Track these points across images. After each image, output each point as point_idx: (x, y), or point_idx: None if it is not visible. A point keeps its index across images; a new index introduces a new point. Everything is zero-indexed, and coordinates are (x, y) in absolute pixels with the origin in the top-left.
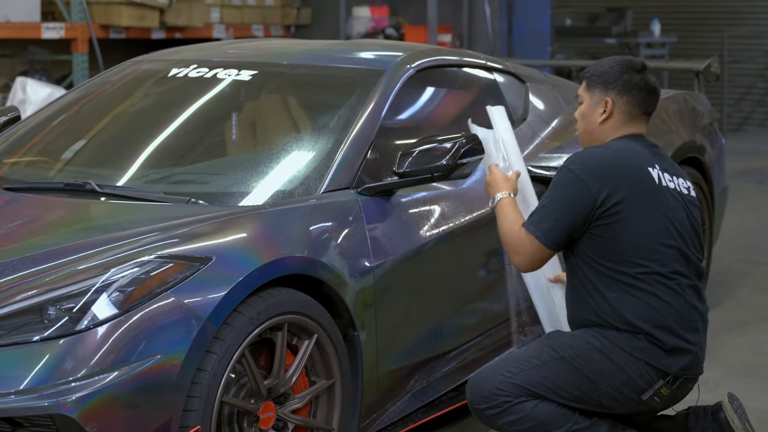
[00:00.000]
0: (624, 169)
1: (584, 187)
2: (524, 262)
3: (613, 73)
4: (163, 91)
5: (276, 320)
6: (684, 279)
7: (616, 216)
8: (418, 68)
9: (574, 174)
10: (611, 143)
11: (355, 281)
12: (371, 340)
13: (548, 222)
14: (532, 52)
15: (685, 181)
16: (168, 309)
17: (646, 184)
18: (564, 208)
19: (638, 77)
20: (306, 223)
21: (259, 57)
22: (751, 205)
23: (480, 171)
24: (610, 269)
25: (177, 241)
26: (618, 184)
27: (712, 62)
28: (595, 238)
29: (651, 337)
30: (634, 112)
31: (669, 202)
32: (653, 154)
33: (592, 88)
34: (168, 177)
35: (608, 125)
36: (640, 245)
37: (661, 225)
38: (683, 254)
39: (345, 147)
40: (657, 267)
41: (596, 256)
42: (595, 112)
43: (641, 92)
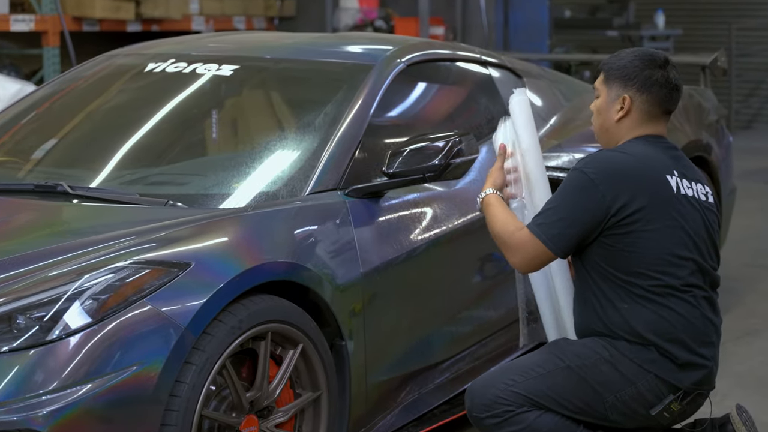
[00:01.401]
0: (642, 177)
1: (598, 194)
2: (523, 263)
3: (633, 68)
4: (139, 87)
5: (259, 329)
6: (699, 291)
7: (630, 226)
8: (409, 63)
9: (589, 178)
10: (629, 146)
11: (342, 288)
12: (359, 349)
13: (557, 227)
14: (529, 45)
15: (704, 186)
16: (144, 318)
17: (664, 193)
18: (574, 213)
19: (660, 73)
20: (290, 227)
21: (241, 51)
22: (761, 207)
23: (474, 171)
24: (621, 280)
25: (154, 246)
26: (634, 193)
27: (719, 56)
28: (607, 247)
29: (663, 350)
30: (654, 110)
31: (687, 211)
32: (673, 158)
33: (610, 82)
34: (144, 178)
35: (625, 123)
36: (653, 258)
37: (677, 236)
38: (699, 266)
39: (331, 146)
40: (671, 280)
41: (607, 265)
42: (612, 108)
43: (662, 90)
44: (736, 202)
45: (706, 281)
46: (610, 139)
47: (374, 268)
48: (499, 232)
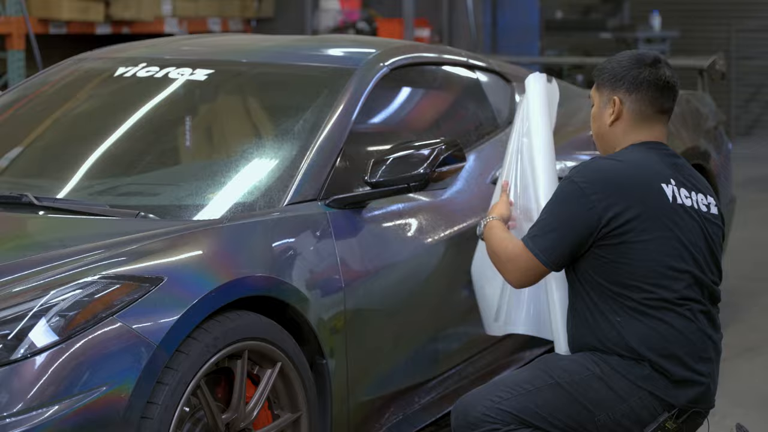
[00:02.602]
0: (634, 185)
1: (589, 204)
2: (516, 277)
3: (621, 69)
4: (108, 92)
5: (235, 347)
6: (696, 305)
7: (622, 237)
8: (393, 67)
9: (579, 188)
10: (624, 153)
11: (323, 303)
12: (341, 368)
13: (548, 239)
14: (519, 48)
15: (706, 196)
16: (114, 335)
17: (659, 202)
18: (566, 224)
19: (648, 71)
20: (268, 239)
21: (216, 54)
22: (762, 217)
23: (461, 180)
24: (614, 292)
25: (124, 260)
26: (627, 202)
27: (718, 59)
28: (599, 259)
29: (657, 366)
30: (646, 110)
31: (683, 222)
32: (671, 166)
33: (600, 87)
34: (114, 188)
35: (619, 127)
36: (646, 269)
37: (672, 248)
38: (696, 279)
39: (311, 154)
40: (665, 293)
41: (599, 277)
42: (604, 113)
43: (651, 87)
44: (736, 213)
45: (704, 295)
46: (606, 146)
47: (356, 282)
48: (495, 249)
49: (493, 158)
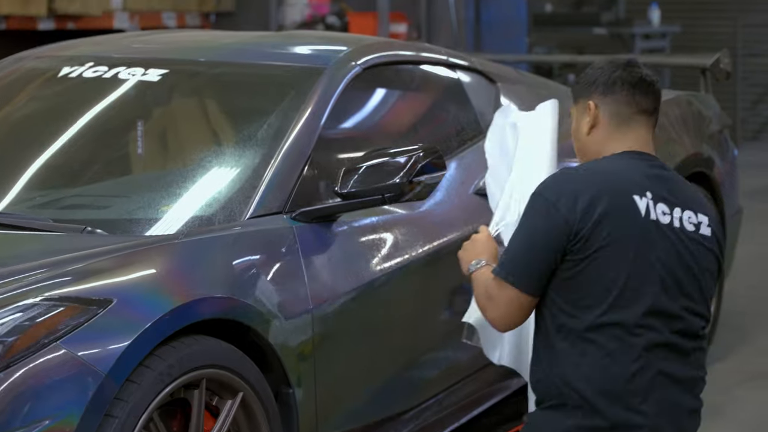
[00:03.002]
0: (603, 194)
1: (561, 218)
2: (499, 315)
3: (594, 74)
4: (52, 94)
5: (192, 376)
6: (654, 334)
7: (586, 251)
8: (366, 66)
9: (547, 200)
10: (600, 161)
11: (289, 327)
12: (309, 398)
13: (523, 261)
14: (504, 44)
15: (696, 214)
16: (58, 363)
17: (628, 215)
18: (539, 240)
19: (621, 71)
20: (228, 257)
21: (171, 53)
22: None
23: (441, 191)
24: (566, 314)
25: (69, 280)
26: (593, 213)
27: (722, 57)
28: (562, 273)
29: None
30: (623, 111)
31: (654, 240)
32: (653, 177)
33: (576, 99)
34: (58, 200)
35: (598, 135)
36: (603, 289)
37: (636, 267)
38: (660, 306)
39: (276, 163)
40: (619, 317)
41: (556, 296)
42: (582, 122)
43: (625, 86)
44: (743, 225)
45: (667, 325)
46: (589, 159)
47: (326, 303)
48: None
49: (476, 166)
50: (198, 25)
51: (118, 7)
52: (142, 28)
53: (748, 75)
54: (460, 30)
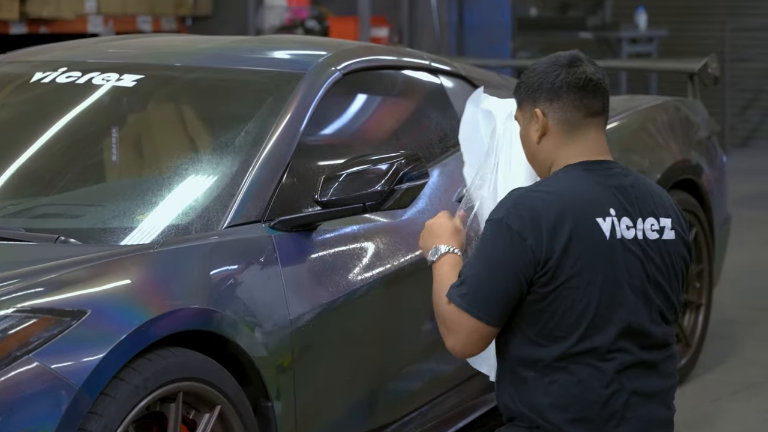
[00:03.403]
0: (567, 221)
1: (523, 246)
2: (460, 344)
3: (536, 77)
4: (24, 100)
5: (168, 389)
6: (625, 356)
7: (553, 282)
8: (346, 71)
9: (509, 228)
10: (557, 181)
11: (267, 338)
12: (288, 411)
13: (486, 293)
14: (488, 49)
15: (659, 219)
16: (30, 376)
17: (594, 240)
18: (504, 271)
19: (565, 73)
20: (205, 267)
21: (146, 58)
22: (761, 238)
23: (423, 199)
24: (534, 344)
25: (42, 291)
26: (560, 243)
27: (710, 61)
28: (529, 306)
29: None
30: (573, 116)
31: (620, 260)
32: (614, 189)
33: (521, 104)
34: (30, 209)
35: (548, 143)
36: (574, 319)
37: (605, 293)
38: (631, 326)
39: (254, 170)
40: (590, 344)
41: (522, 327)
42: (530, 131)
43: (572, 89)
44: (732, 233)
45: (640, 342)
46: (541, 167)
47: (305, 314)
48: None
49: (459, 173)
50: (174, 29)
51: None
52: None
53: (736, 80)
54: (443, 34)
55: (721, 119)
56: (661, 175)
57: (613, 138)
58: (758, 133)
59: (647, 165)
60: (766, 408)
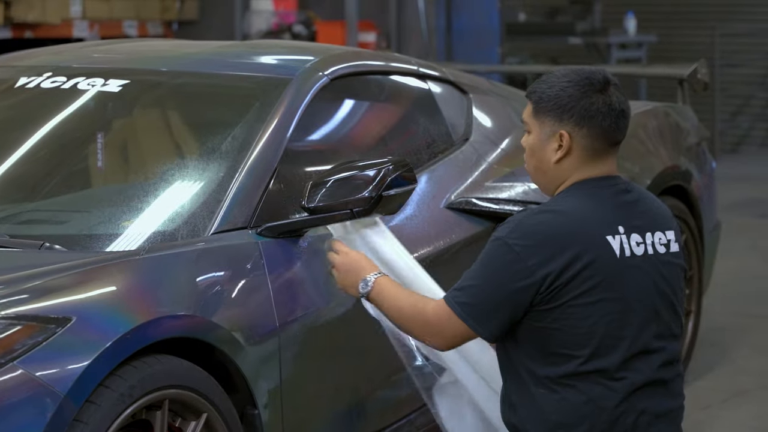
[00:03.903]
0: (576, 242)
1: (527, 270)
2: (444, 343)
3: (568, 97)
4: (8, 105)
5: (154, 396)
6: (637, 376)
7: (559, 300)
8: (333, 76)
9: (514, 252)
10: (565, 200)
11: (254, 346)
12: (276, 420)
13: (484, 310)
14: (476, 54)
15: (665, 233)
16: (15, 384)
17: (604, 260)
18: (502, 294)
19: (601, 100)
20: (192, 273)
21: (132, 63)
22: (751, 244)
23: (411, 206)
24: (542, 360)
25: (26, 298)
26: (566, 263)
27: (700, 67)
28: (530, 323)
29: None
30: (599, 145)
31: (631, 279)
32: (621, 206)
33: (541, 115)
34: (15, 215)
35: (567, 164)
36: (581, 337)
37: (615, 312)
38: (642, 346)
39: (241, 176)
40: (600, 364)
41: (528, 343)
42: (547, 147)
43: (606, 119)
44: (722, 240)
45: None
46: (549, 183)
47: (293, 321)
48: (410, 315)
49: (447, 179)
50: (160, 33)
51: (77, 15)
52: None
53: (726, 86)
54: (431, 39)
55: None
56: (651, 181)
57: None
58: (748, 139)
59: (637, 171)
60: (756, 416)
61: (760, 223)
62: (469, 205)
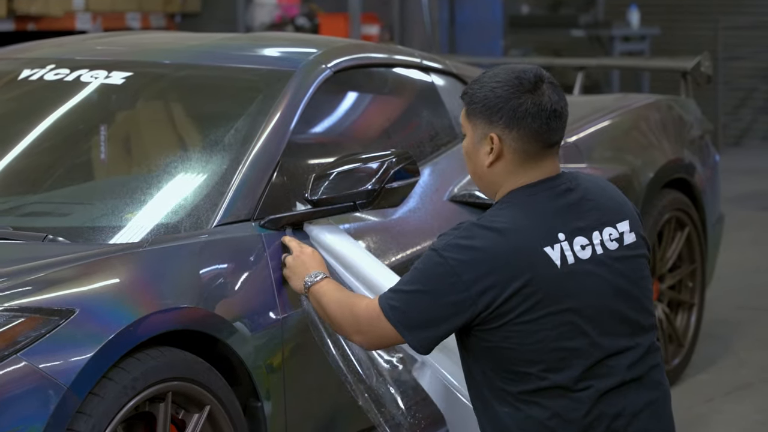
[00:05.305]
0: (511, 260)
1: (461, 286)
2: (366, 341)
3: (496, 98)
4: (11, 98)
5: (157, 389)
6: (603, 382)
7: (503, 319)
8: (336, 69)
9: (449, 266)
10: (503, 212)
11: (257, 338)
12: (279, 412)
13: (414, 312)
14: (479, 47)
15: (616, 225)
16: (18, 376)
17: (542, 274)
18: (436, 307)
19: (530, 100)
20: (195, 266)
21: (135, 55)
22: (754, 237)
23: (414, 198)
24: (502, 379)
25: (30, 290)
26: (505, 282)
27: (703, 60)
28: (482, 342)
29: None
30: (531, 147)
31: (579, 286)
32: (561, 210)
33: (472, 117)
34: (18, 207)
35: (500, 168)
36: (535, 354)
37: (566, 324)
38: (604, 351)
39: (244, 169)
40: (557, 379)
41: (486, 362)
42: (480, 150)
43: (535, 121)
44: (725, 233)
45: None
46: (486, 188)
47: (296, 314)
48: (342, 309)
49: (450, 172)
50: (163, 26)
51: (80, 7)
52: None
53: (729, 79)
54: (434, 32)
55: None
56: (654, 174)
57: (605, 137)
58: (751, 132)
59: (640, 164)
60: (759, 409)
61: (763, 216)
62: (472, 198)
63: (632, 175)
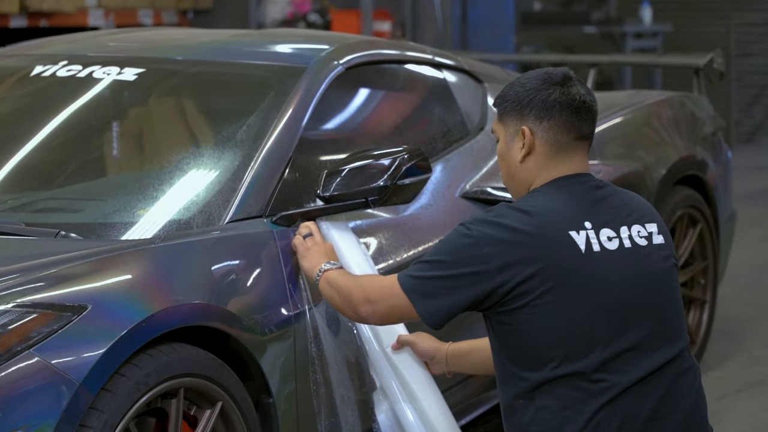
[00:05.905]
0: (537, 240)
1: (482, 258)
2: (379, 312)
3: (526, 93)
4: (24, 94)
5: (169, 385)
6: (620, 378)
7: (522, 300)
8: (348, 65)
9: (473, 237)
10: (533, 198)
11: (269, 334)
12: (290, 409)
13: (428, 286)
14: (491, 43)
15: (645, 225)
16: (31, 372)
17: (567, 256)
18: (456, 278)
19: (559, 91)
20: (207, 262)
21: (147, 51)
22: (766, 235)
23: (426, 195)
24: (516, 367)
25: (42, 286)
26: (527, 261)
27: (716, 57)
28: (500, 326)
29: None
30: (562, 138)
31: (602, 273)
32: (591, 203)
33: (505, 117)
34: (31, 203)
35: (532, 162)
36: (552, 339)
37: (585, 310)
38: (623, 344)
39: (256, 165)
40: (574, 367)
41: (502, 346)
42: (513, 147)
43: (565, 110)
44: (737, 230)
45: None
46: (520, 187)
47: (307, 310)
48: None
49: (462, 168)
50: (175, 22)
51: (92, 4)
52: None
53: (741, 76)
54: (446, 28)
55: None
56: (666, 171)
57: (617, 133)
58: (764, 129)
59: (652, 161)
60: None
61: None
62: (484, 195)
63: (644, 172)
